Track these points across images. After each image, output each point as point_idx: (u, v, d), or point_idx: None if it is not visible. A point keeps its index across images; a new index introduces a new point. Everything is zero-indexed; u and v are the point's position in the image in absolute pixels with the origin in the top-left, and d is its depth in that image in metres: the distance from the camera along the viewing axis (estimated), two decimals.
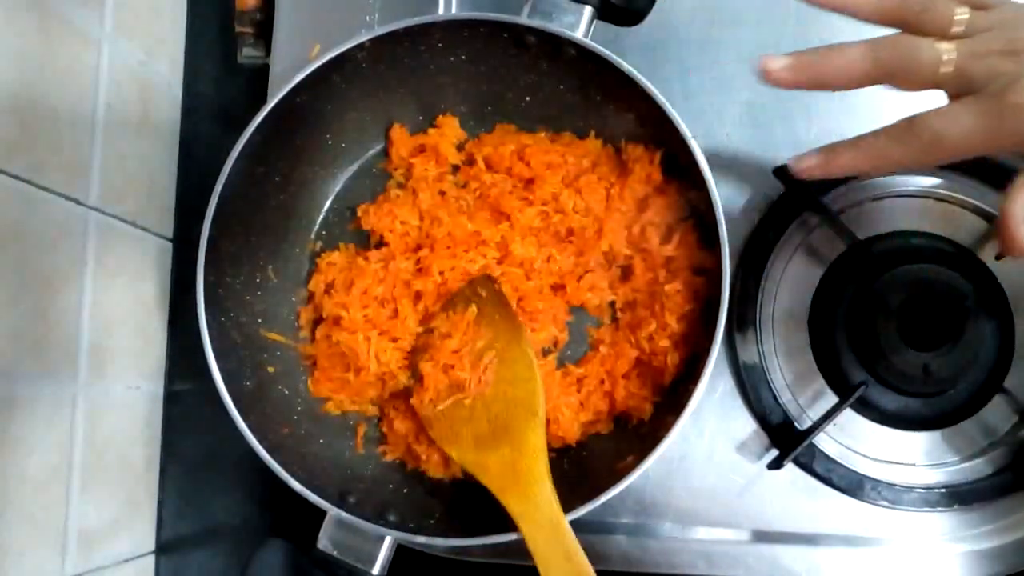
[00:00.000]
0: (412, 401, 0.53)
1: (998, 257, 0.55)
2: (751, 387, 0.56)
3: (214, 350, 0.49)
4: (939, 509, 0.55)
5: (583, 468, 0.53)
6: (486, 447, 0.49)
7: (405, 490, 0.54)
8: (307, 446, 0.53)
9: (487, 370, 0.52)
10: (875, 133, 0.43)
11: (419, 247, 0.55)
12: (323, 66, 0.50)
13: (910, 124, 0.42)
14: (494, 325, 0.52)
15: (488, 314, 0.53)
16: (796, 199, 0.56)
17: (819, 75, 0.44)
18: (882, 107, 0.58)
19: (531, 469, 0.47)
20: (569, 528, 0.45)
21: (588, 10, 0.50)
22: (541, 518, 0.45)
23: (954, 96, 0.42)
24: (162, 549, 0.61)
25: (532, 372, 0.51)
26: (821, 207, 0.54)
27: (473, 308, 0.53)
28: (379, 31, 0.49)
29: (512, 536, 0.46)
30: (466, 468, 0.51)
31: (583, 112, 0.55)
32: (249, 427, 0.48)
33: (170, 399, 0.63)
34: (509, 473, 0.48)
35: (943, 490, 0.55)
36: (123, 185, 0.57)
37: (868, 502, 0.55)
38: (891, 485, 0.55)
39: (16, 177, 0.46)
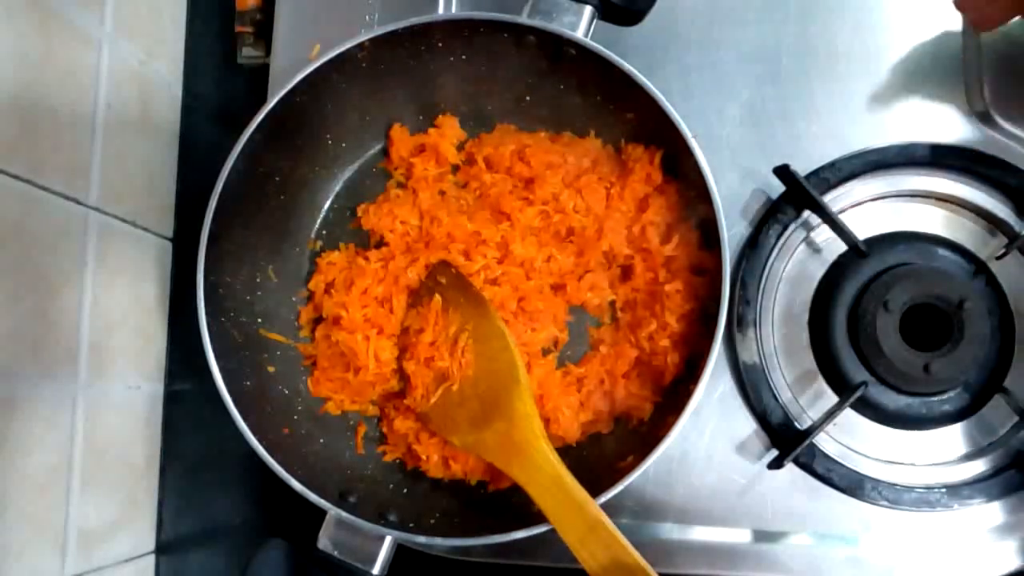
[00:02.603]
0: (406, 401, 0.53)
1: (999, 257, 0.55)
2: (751, 387, 0.56)
3: (214, 350, 0.49)
4: (939, 509, 0.54)
5: (583, 468, 0.53)
6: (481, 426, 0.50)
7: (405, 490, 0.54)
8: (307, 446, 0.53)
9: (465, 352, 0.52)
10: None
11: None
12: (323, 66, 0.50)
13: None
14: (460, 307, 0.53)
15: (452, 299, 0.53)
16: (797, 199, 0.56)
17: None
18: (883, 108, 0.59)
19: (526, 435, 0.48)
20: (575, 482, 0.46)
21: (588, 10, 0.50)
22: (544, 479, 0.46)
23: None
24: (162, 549, 0.61)
25: (506, 342, 0.51)
26: (821, 207, 0.54)
27: (437, 297, 0.53)
28: (379, 31, 0.50)
29: (512, 536, 0.46)
30: (469, 451, 0.51)
31: (583, 112, 0.55)
32: (249, 427, 0.48)
33: (170, 399, 0.62)
34: (507, 444, 0.48)
35: (943, 490, 0.55)
36: (123, 185, 0.57)
37: (868, 502, 0.55)
38: (891, 485, 0.55)
39: (16, 177, 0.46)
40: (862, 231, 0.56)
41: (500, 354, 0.51)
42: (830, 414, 0.54)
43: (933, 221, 0.57)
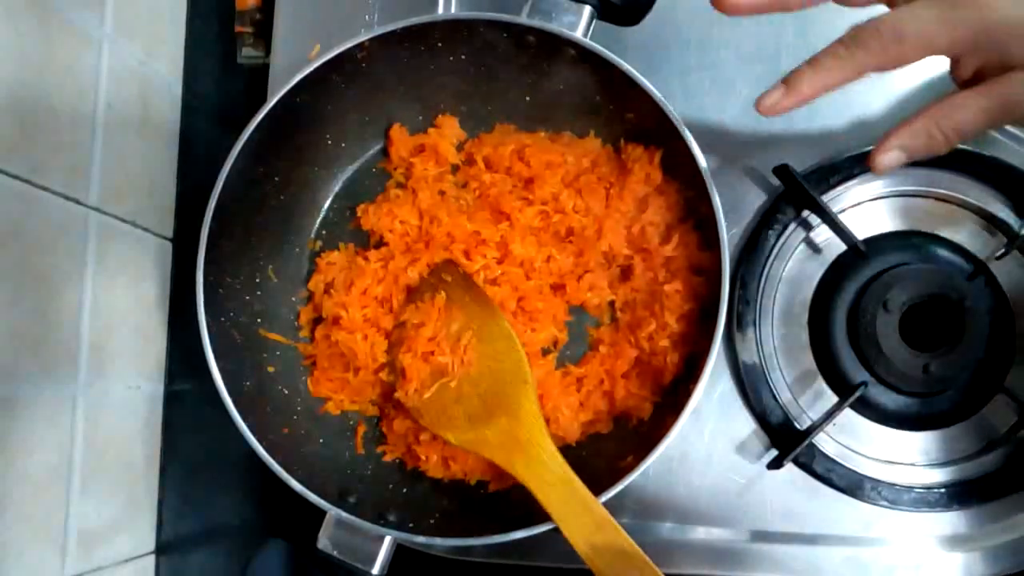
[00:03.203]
0: (397, 395, 0.53)
1: (999, 257, 0.55)
2: (751, 387, 0.56)
3: (214, 350, 0.49)
4: (939, 509, 0.55)
5: (583, 468, 0.53)
6: (482, 422, 0.50)
7: (405, 490, 0.54)
8: (307, 446, 0.53)
9: (467, 350, 0.52)
10: (832, 47, 0.43)
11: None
12: (323, 66, 0.50)
13: (869, 25, 0.42)
14: (465, 307, 0.53)
15: (458, 298, 0.53)
16: (796, 199, 0.56)
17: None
18: (884, 108, 0.59)
19: (531, 433, 0.48)
20: (581, 482, 0.46)
21: (588, 10, 0.50)
22: (551, 477, 0.46)
23: None
24: (162, 549, 0.61)
25: (513, 343, 0.51)
26: (821, 207, 0.54)
27: (442, 294, 0.53)
28: (379, 31, 0.49)
29: (512, 536, 0.46)
30: (466, 447, 0.51)
31: (583, 112, 0.55)
32: (249, 427, 0.48)
33: (170, 399, 0.63)
34: (510, 441, 0.49)
35: (943, 490, 0.55)
36: (123, 185, 0.57)
37: (868, 502, 0.55)
38: (891, 485, 0.55)
39: (16, 177, 0.46)
40: (862, 231, 0.56)
41: (507, 355, 0.51)
42: (830, 414, 0.54)
43: (933, 221, 0.57)
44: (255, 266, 0.55)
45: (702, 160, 0.48)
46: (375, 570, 0.47)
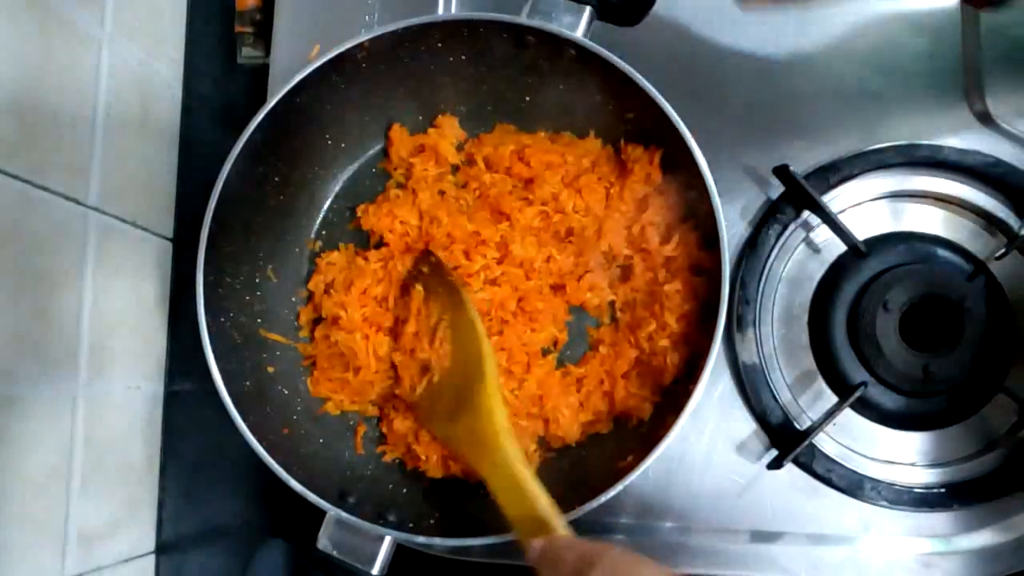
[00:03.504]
0: (397, 391, 0.54)
1: (999, 257, 0.55)
2: (751, 387, 0.56)
3: (214, 350, 0.49)
4: (939, 509, 0.54)
5: (583, 468, 0.53)
6: (453, 419, 0.50)
7: (405, 490, 0.54)
8: (307, 446, 0.54)
9: (443, 343, 0.52)
10: None
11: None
12: (323, 66, 0.50)
13: None
14: (439, 297, 0.53)
15: (432, 288, 0.53)
16: (796, 199, 0.56)
17: None
18: (883, 108, 0.58)
19: (487, 431, 0.48)
20: (534, 484, 0.44)
21: (588, 10, 0.50)
22: (503, 477, 0.46)
23: None
24: (162, 549, 0.61)
25: (477, 334, 0.51)
26: (821, 207, 0.54)
27: (419, 287, 0.53)
28: (379, 31, 0.50)
29: (512, 536, 0.46)
30: (445, 442, 0.51)
31: (583, 112, 0.55)
32: (249, 427, 0.48)
33: (170, 399, 0.62)
34: (472, 439, 0.48)
35: (943, 490, 0.55)
36: (123, 185, 0.57)
37: (868, 502, 0.55)
38: (891, 485, 0.55)
39: (16, 177, 0.46)
40: (862, 231, 0.56)
41: (472, 346, 0.51)
42: (830, 414, 0.54)
43: (933, 221, 0.57)
44: (255, 266, 0.55)
45: (702, 160, 0.48)
46: (375, 570, 0.47)
